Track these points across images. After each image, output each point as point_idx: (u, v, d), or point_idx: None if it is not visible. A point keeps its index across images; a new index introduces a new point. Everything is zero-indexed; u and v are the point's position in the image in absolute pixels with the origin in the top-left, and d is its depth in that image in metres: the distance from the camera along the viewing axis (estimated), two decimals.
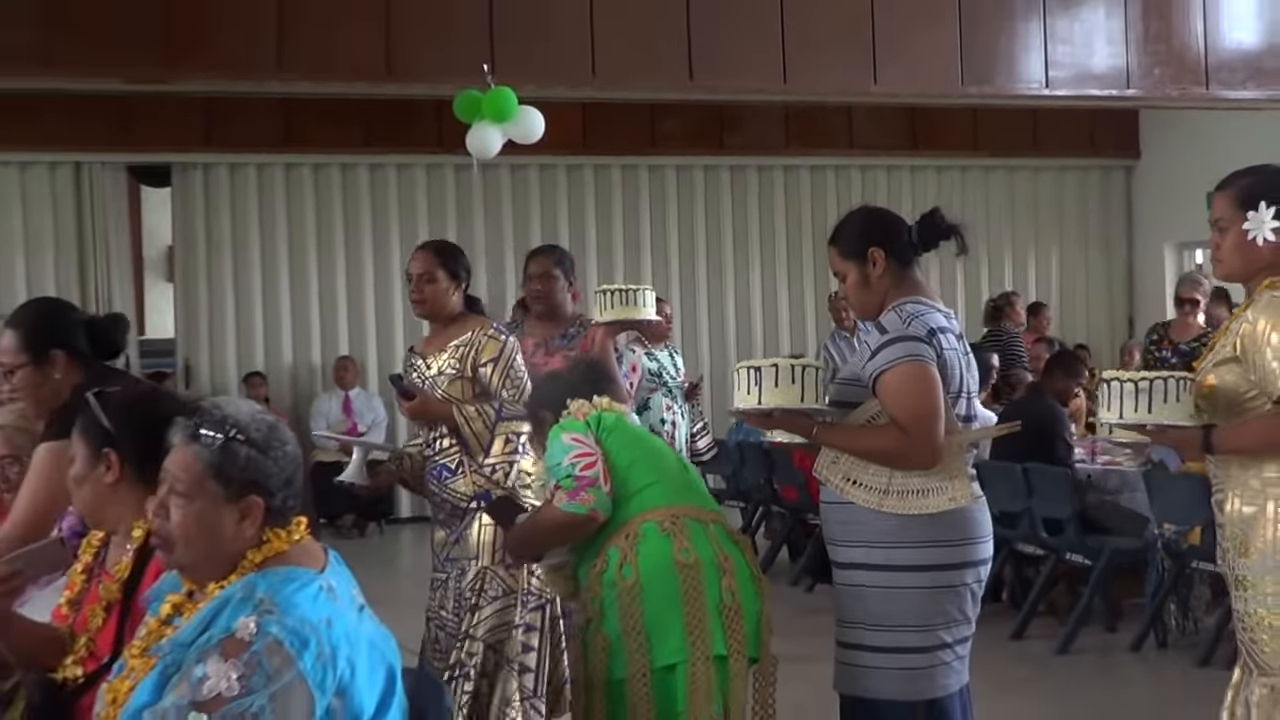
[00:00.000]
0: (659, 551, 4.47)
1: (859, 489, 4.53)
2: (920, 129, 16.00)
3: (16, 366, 4.81)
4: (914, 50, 10.86)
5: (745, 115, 15.54)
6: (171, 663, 3.12)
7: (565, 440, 4.64)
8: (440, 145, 13.34)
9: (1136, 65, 11.05)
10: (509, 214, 15.37)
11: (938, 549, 4.49)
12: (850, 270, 4.74)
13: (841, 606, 4.67)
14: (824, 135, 15.77)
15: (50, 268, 14.26)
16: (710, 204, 16.02)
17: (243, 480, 3.21)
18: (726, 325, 15.98)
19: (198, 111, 14.09)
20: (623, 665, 4.44)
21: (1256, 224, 4.38)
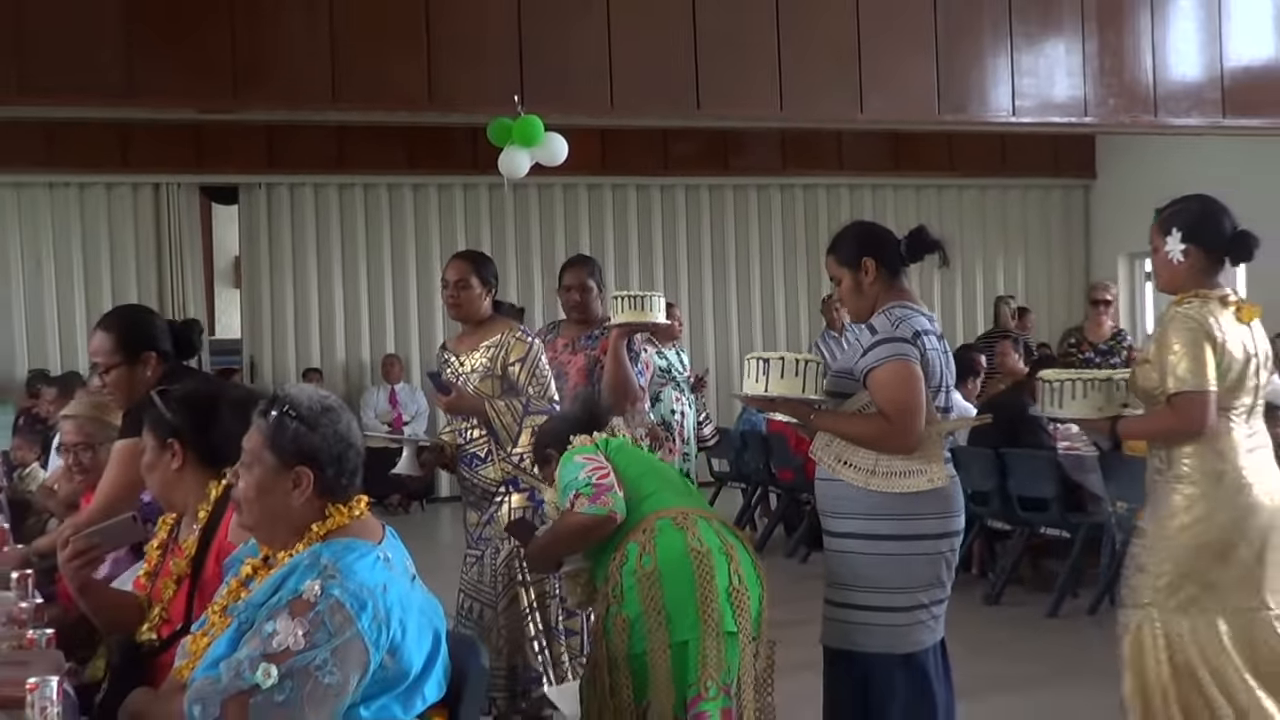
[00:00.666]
0: (674, 542, 4.50)
1: (849, 469, 4.63)
2: (902, 152, 16.00)
3: (112, 366, 4.82)
4: (896, 81, 10.85)
5: (746, 140, 15.55)
6: (246, 620, 3.16)
7: (577, 460, 4.68)
8: (475, 167, 13.37)
9: (1093, 96, 11.04)
10: (536, 228, 15.41)
11: (918, 521, 4.61)
12: (845, 276, 4.84)
13: (832, 571, 4.77)
14: (816, 157, 15.78)
15: (133, 276, 14.31)
16: (716, 219, 16.04)
17: (292, 451, 3.24)
18: (729, 326, 15.99)
19: (262, 138, 14.12)
20: (642, 640, 4.46)
21: (1173, 246, 4.76)
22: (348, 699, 3.07)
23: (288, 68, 9.72)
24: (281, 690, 2.98)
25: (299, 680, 2.99)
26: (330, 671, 3.00)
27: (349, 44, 9.67)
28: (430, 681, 3.24)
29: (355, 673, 3.05)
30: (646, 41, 10.30)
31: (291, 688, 2.98)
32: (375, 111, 11.11)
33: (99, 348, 4.86)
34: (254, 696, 2.98)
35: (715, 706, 4.42)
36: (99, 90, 9.41)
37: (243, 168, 14.47)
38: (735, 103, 10.71)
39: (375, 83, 9.87)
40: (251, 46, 9.52)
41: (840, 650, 4.73)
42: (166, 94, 9.73)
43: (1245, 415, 4.74)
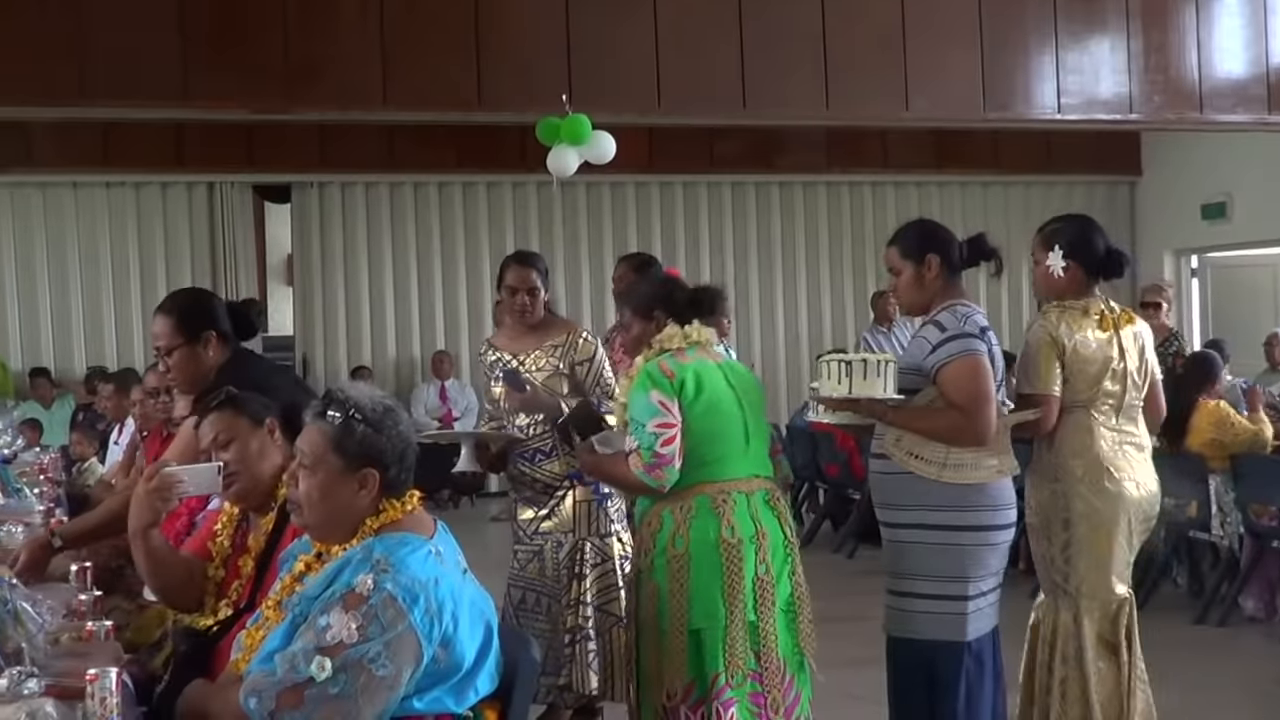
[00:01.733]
0: (707, 530, 4.58)
1: (920, 462, 4.71)
2: (946, 150, 15.90)
3: (173, 348, 4.80)
4: (941, 80, 10.82)
5: (792, 139, 15.50)
6: (300, 614, 3.17)
7: (653, 400, 4.59)
8: (524, 166, 13.35)
9: (1138, 93, 10.98)
10: (584, 226, 15.42)
11: (979, 513, 4.73)
12: (906, 269, 4.92)
13: (895, 560, 4.85)
14: (861, 156, 15.72)
15: (187, 273, 14.39)
16: (761, 217, 16.01)
17: (359, 454, 3.25)
18: (776, 323, 15.96)
19: (314, 138, 14.19)
20: (667, 619, 4.59)
21: (1054, 261, 5.12)
22: (401, 691, 3.09)
23: (339, 70, 9.77)
24: (336, 683, 3.00)
25: (353, 673, 3.01)
26: (384, 664, 3.02)
27: (399, 46, 9.71)
28: (483, 674, 3.25)
29: (408, 665, 3.07)
30: (693, 41, 10.30)
31: (346, 680, 3.01)
32: (425, 112, 11.11)
33: (160, 330, 4.84)
34: (309, 689, 3.00)
35: (742, 693, 4.56)
36: (155, 92, 9.48)
37: (295, 167, 14.54)
38: (781, 102, 10.69)
39: (425, 84, 9.91)
40: (304, 49, 9.57)
41: (903, 638, 4.82)
42: (220, 96, 9.79)
43: (1113, 413, 5.07)
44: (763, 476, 4.75)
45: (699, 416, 4.62)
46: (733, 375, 4.79)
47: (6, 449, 6.16)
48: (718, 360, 4.80)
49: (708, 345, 4.81)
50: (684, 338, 4.75)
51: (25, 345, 14.07)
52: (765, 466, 4.80)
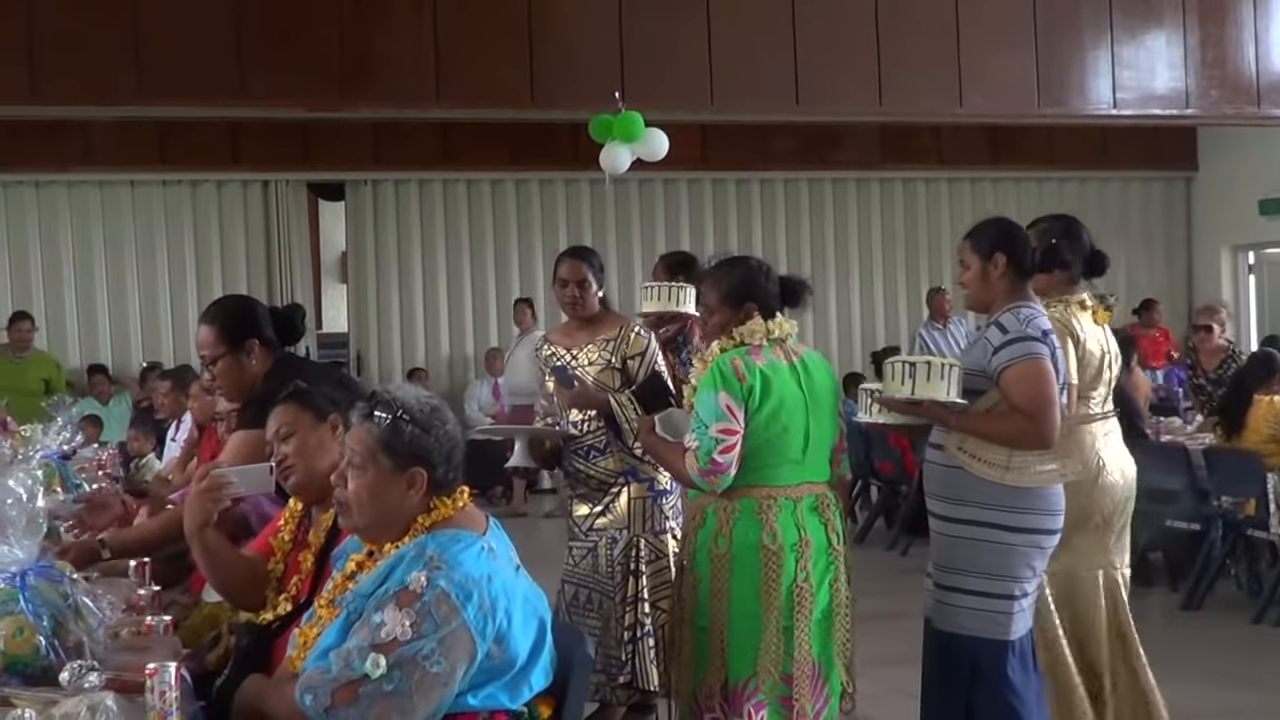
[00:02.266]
0: (749, 534, 4.59)
1: (983, 465, 4.68)
2: (1001, 145, 15.82)
3: (217, 357, 4.80)
4: (996, 76, 10.79)
5: (845, 135, 15.46)
6: (354, 611, 3.19)
7: (720, 403, 4.56)
8: (577, 163, 13.37)
9: (1195, 87, 10.91)
10: (637, 223, 15.44)
11: (1034, 515, 4.71)
12: (975, 263, 4.88)
13: (944, 553, 4.82)
14: (915, 152, 15.67)
15: (243, 270, 14.50)
16: (815, 213, 15.99)
17: (408, 454, 3.26)
18: (829, 320, 15.92)
19: (368, 136, 14.26)
20: (705, 616, 4.65)
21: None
22: (455, 688, 3.10)
23: (394, 68, 9.83)
24: (390, 680, 3.02)
25: (407, 670, 3.02)
26: (438, 661, 3.04)
27: (453, 44, 9.76)
28: (537, 670, 3.26)
29: (462, 662, 3.08)
30: (746, 37, 10.30)
31: (400, 677, 3.02)
32: (479, 109, 11.17)
33: (204, 340, 4.85)
34: (363, 686, 3.02)
35: (773, 696, 4.60)
36: (212, 91, 9.58)
37: (350, 165, 14.62)
38: (834, 98, 10.69)
39: (479, 82, 9.95)
40: (358, 48, 9.64)
41: (946, 631, 4.80)
42: (276, 95, 9.88)
43: (1101, 403, 5.24)
44: (815, 482, 4.73)
45: (760, 426, 4.60)
46: (806, 375, 4.73)
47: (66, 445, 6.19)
48: (793, 359, 4.74)
49: (786, 341, 4.77)
50: (765, 333, 4.71)
51: (83, 342, 14.20)
52: (820, 473, 4.76)
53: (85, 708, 2.71)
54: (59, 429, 6.11)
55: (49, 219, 14.07)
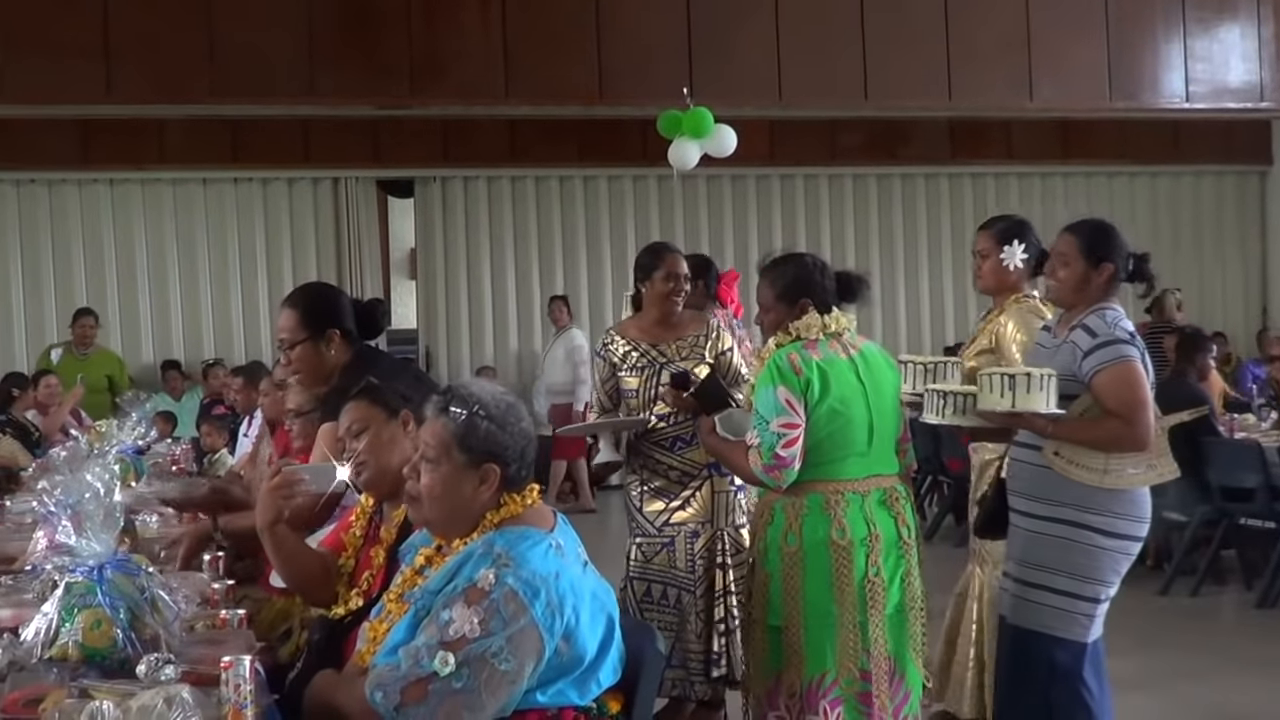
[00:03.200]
0: (818, 530, 4.63)
1: (1081, 470, 4.63)
2: (1072, 140, 15.68)
3: (296, 342, 4.80)
4: (1067, 69, 10.71)
5: (914, 130, 15.39)
6: (422, 607, 3.21)
7: (780, 398, 4.60)
8: (645, 159, 13.35)
9: (1270, 80, 10.78)
10: (705, 219, 15.42)
11: (1126, 521, 4.68)
12: (1078, 265, 4.79)
13: (1030, 552, 4.76)
14: (985, 146, 15.54)
15: (313, 267, 14.60)
16: (883, 209, 15.91)
17: (482, 450, 3.27)
18: (898, 316, 15.85)
19: (437, 132, 14.32)
20: (778, 615, 4.68)
21: (1010, 255, 5.58)
22: (523, 685, 3.11)
23: (462, 65, 9.88)
24: (459, 677, 3.03)
25: (475, 667, 3.04)
26: (506, 659, 3.05)
27: (521, 40, 9.79)
28: (605, 666, 3.27)
29: (530, 660, 3.09)
30: (814, 33, 10.27)
31: (469, 675, 3.04)
32: (547, 106, 11.21)
33: (284, 324, 4.84)
34: (432, 683, 3.04)
35: (850, 693, 4.62)
36: (283, 90, 9.66)
37: (418, 162, 14.69)
38: (903, 93, 10.64)
39: (547, 78, 9.99)
40: (427, 46, 9.70)
41: (1026, 629, 4.76)
42: (346, 92, 9.95)
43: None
44: (883, 475, 4.75)
45: (822, 419, 4.63)
46: (865, 369, 4.75)
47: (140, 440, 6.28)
48: (851, 353, 4.76)
49: (843, 335, 4.79)
50: (821, 327, 4.74)
51: (156, 338, 14.34)
52: (887, 465, 4.78)
53: (162, 700, 2.73)
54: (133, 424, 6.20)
55: (123, 217, 14.21)
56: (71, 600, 3.18)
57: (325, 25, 9.54)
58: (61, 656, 3.11)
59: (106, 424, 6.78)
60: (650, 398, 5.99)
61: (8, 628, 3.41)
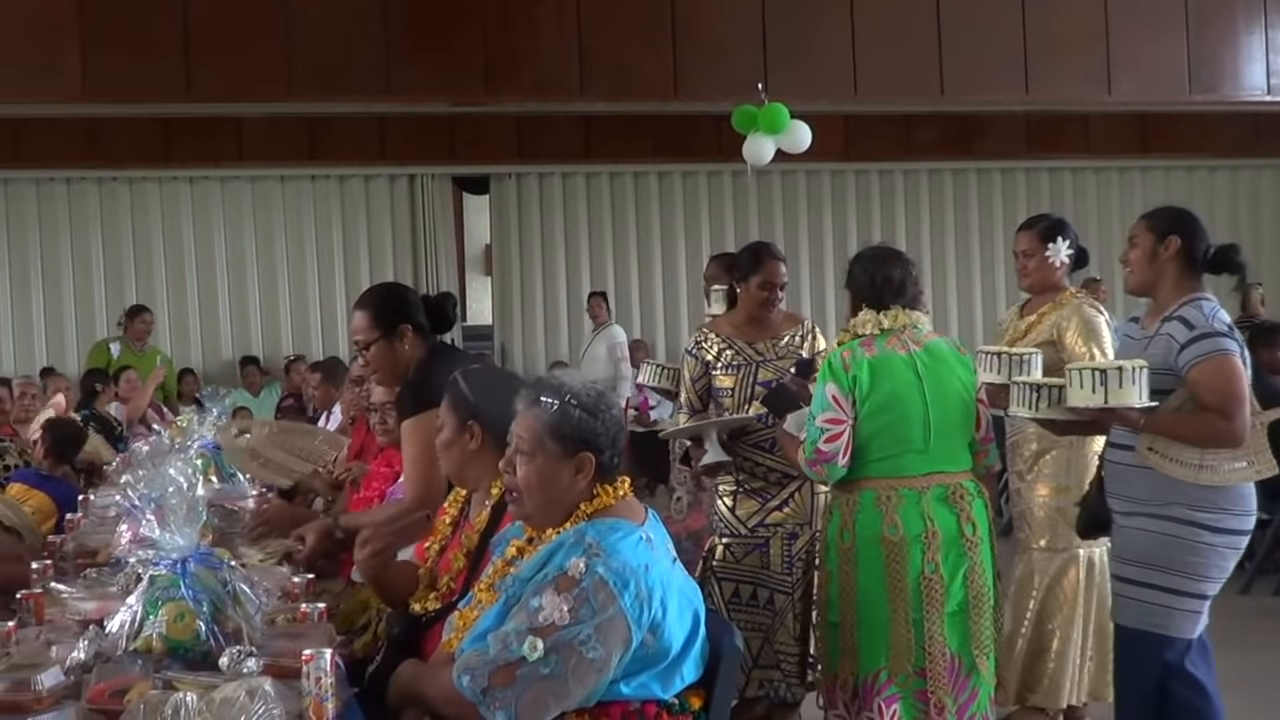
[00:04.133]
0: (871, 526, 4.63)
1: (1176, 465, 4.53)
2: (1150, 133, 15.48)
3: (370, 342, 4.87)
4: (1146, 62, 10.61)
5: (990, 124, 15.23)
6: (513, 595, 3.23)
7: (827, 395, 4.66)
8: (719, 155, 13.34)
9: None
10: (779, 215, 15.36)
11: (1233, 516, 4.57)
12: (1145, 242, 4.72)
13: (1137, 552, 4.66)
14: (1062, 141, 15.37)
15: (389, 263, 14.67)
16: (959, 205, 15.79)
17: (576, 439, 3.29)
18: (974, 313, 15.74)
19: (512, 129, 14.34)
20: (836, 612, 4.70)
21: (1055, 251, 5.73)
22: (610, 674, 3.12)
23: (537, 62, 9.92)
24: (547, 663, 3.05)
25: (564, 654, 3.05)
26: (594, 647, 3.06)
27: (596, 37, 9.81)
28: (689, 662, 3.27)
29: (618, 649, 3.10)
30: (890, 27, 10.23)
31: (557, 661, 3.05)
32: (621, 102, 11.23)
33: (357, 326, 4.93)
34: (520, 668, 3.06)
35: (907, 690, 4.61)
36: (360, 87, 9.73)
37: (494, 158, 14.72)
38: (980, 87, 10.58)
39: (621, 74, 10.00)
40: (502, 43, 9.74)
41: (1137, 629, 4.67)
42: (422, 89, 10.00)
43: None
44: (946, 472, 4.70)
45: (870, 414, 4.65)
46: (926, 366, 4.71)
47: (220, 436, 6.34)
48: (911, 349, 4.73)
49: (903, 332, 4.76)
50: (876, 324, 4.75)
51: (235, 334, 14.48)
52: (951, 462, 4.73)
53: (244, 692, 2.75)
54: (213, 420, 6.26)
55: (203, 214, 14.34)
56: (156, 593, 3.22)
57: (401, 23, 9.60)
58: (146, 649, 3.15)
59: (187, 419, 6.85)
60: (746, 397, 5.89)
61: (94, 620, 3.45)
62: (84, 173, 13.96)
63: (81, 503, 5.90)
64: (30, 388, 9.30)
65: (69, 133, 13.14)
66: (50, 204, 14.01)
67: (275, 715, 2.72)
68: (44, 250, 13.98)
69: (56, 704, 2.90)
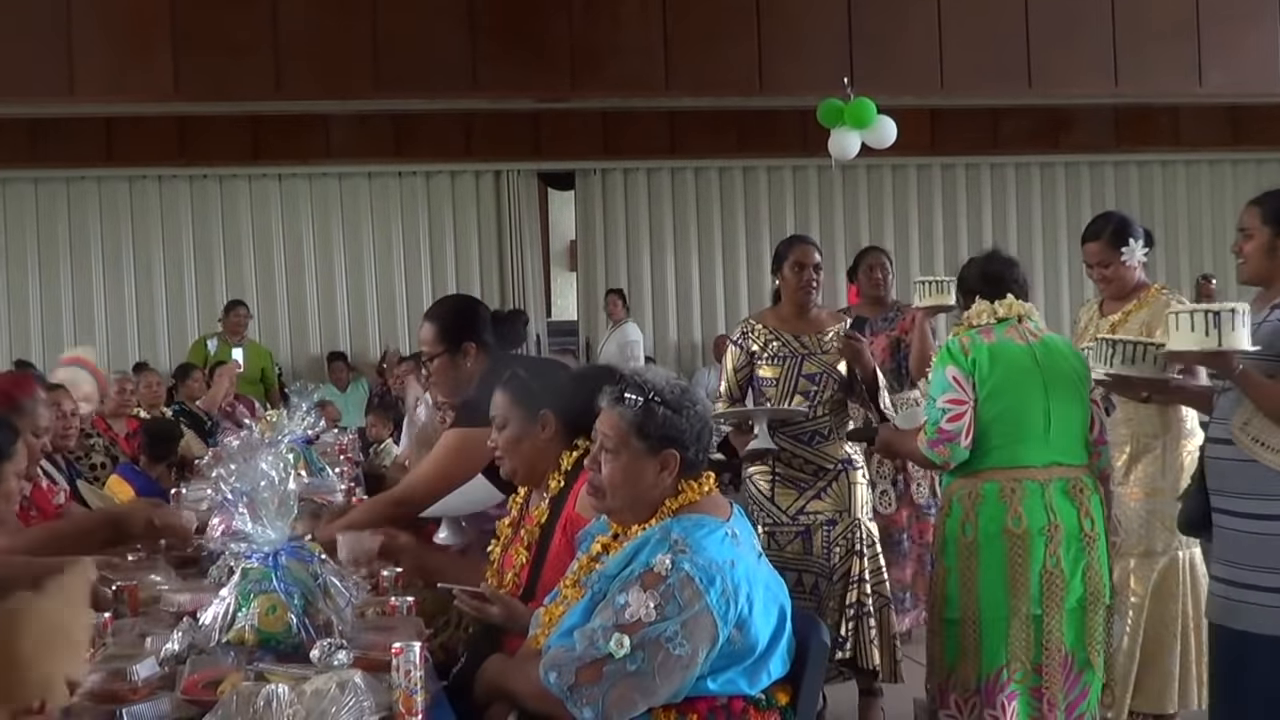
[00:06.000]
0: (994, 519, 4.56)
1: (1267, 451, 4.35)
2: (1242, 125, 15.24)
3: (435, 355, 4.93)
4: (1237, 54, 10.47)
5: (1078, 117, 15.06)
6: (599, 591, 3.23)
7: (947, 376, 4.63)
8: (804, 149, 13.28)
9: None
10: (865, 210, 15.27)
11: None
12: (1262, 235, 4.51)
13: (1240, 552, 4.47)
14: (1151, 133, 15.15)
15: (475, 259, 14.72)
16: (1046, 199, 15.61)
17: (660, 436, 3.29)
18: (1061, 309, 15.55)
19: (597, 125, 14.34)
20: (956, 609, 4.63)
21: (1130, 254, 5.44)
22: (697, 671, 3.11)
23: (622, 58, 9.94)
24: (634, 660, 3.05)
25: (650, 651, 3.05)
26: (680, 644, 3.06)
27: (680, 32, 9.82)
28: (776, 657, 3.26)
29: (704, 646, 3.09)
30: (977, 20, 10.16)
31: (643, 658, 3.05)
32: (706, 97, 11.22)
33: (425, 337, 4.99)
34: (607, 665, 3.06)
35: (1024, 687, 4.55)
36: (446, 84, 9.79)
37: (579, 154, 14.72)
38: (1068, 80, 10.49)
39: (706, 69, 10.00)
40: (587, 39, 9.77)
41: (1236, 630, 4.45)
42: (507, 85, 10.05)
43: None
44: (1066, 465, 4.64)
45: (989, 398, 4.60)
46: (1045, 355, 4.69)
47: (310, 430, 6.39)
48: (1030, 340, 4.71)
49: (1020, 322, 4.75)
50: (991, 313, 4.74)
51: (323, 329, 14.59)
52: (1071, 455, 4.67)
53: (335, 684, 2.77)
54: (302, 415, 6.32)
55: (291, 210, 14.45)
56: (248, 585, 3.25)
57: (486, 20, 9.65)
58: (238, 640, 3.18)
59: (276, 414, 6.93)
60: (791, 389, 5.99)
61: (188, 611, 3.49)
62: (175, 170, 14.11)
63: (173, 496, 5.97)
64: (128, 382, 9.41)
65: (160, 131, 13.30)
66: (142, 201, 14.18)
67: (365, 707, 2.74)
68: (136, 247, 14.15)
69: (151, 694, 2.93)
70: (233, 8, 9.50)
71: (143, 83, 9.63)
